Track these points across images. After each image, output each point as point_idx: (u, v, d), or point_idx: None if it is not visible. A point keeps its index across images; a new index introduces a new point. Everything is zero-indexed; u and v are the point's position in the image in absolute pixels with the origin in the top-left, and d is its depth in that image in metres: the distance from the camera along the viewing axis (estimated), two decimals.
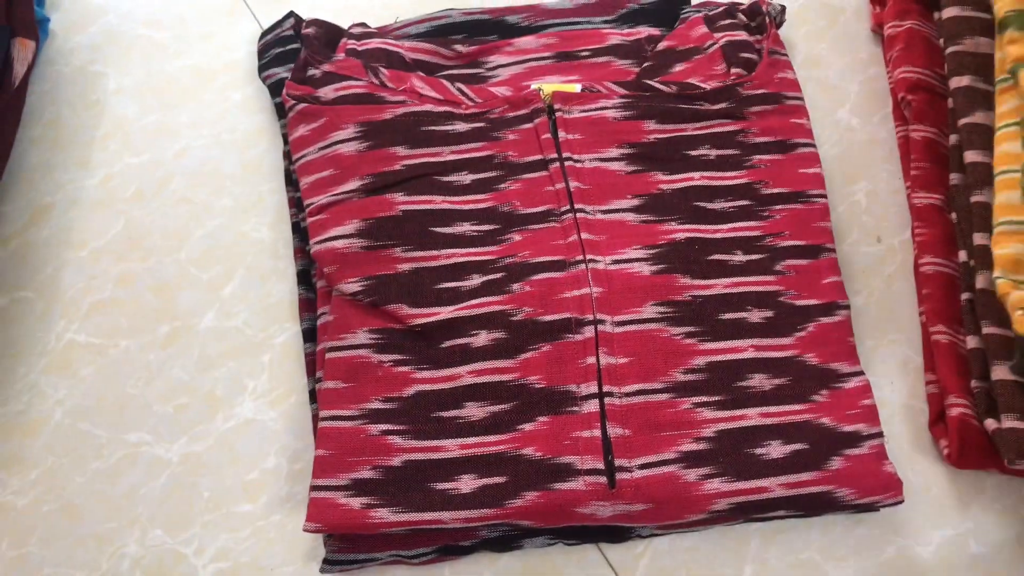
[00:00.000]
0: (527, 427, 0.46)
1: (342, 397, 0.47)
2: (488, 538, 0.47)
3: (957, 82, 0.54)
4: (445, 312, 0.48)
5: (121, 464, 0.51)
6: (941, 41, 0.56)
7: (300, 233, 0.54)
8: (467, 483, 0.45)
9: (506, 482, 0.45)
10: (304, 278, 0.53)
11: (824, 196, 0.53)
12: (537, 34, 0.59)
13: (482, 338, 0.48)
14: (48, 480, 0.51)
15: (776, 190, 0.52)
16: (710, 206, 0.51)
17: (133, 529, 0.50)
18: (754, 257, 0.50)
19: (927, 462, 0.51)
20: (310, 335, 0.52)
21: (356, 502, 0.45)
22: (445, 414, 0.47)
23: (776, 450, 0.46)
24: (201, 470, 0.51)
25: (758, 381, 0.47)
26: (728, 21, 0.58)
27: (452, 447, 0.46)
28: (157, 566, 0.49)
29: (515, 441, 0.46)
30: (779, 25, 0.58)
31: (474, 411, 0.47)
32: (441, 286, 0.49)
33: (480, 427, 0.46)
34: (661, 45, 0.58)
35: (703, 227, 0.51)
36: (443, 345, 0.48)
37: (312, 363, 0.52)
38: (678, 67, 0.56)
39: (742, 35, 0.57)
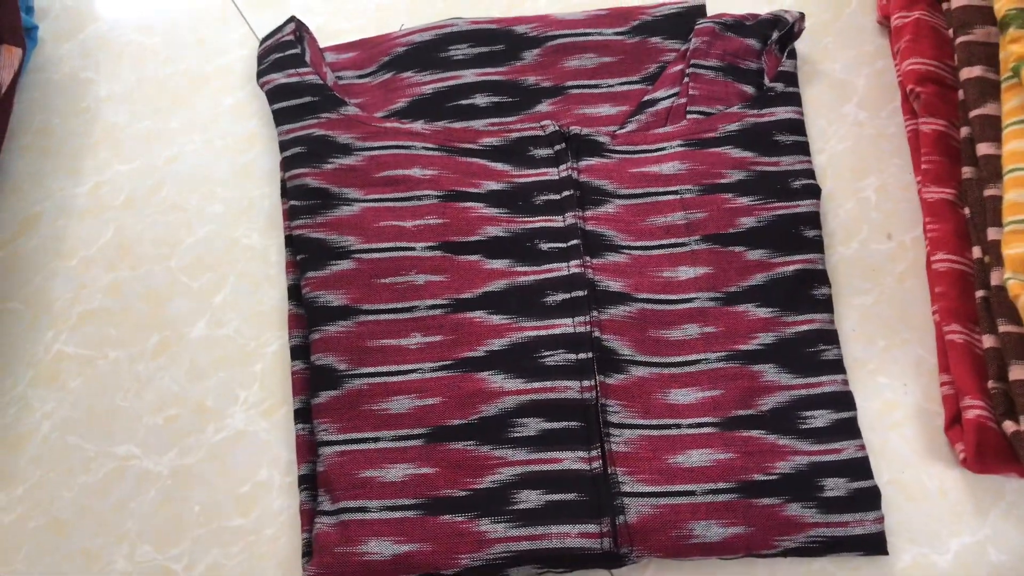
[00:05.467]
0: None
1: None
2: (471, 567, 0.45)
3: (968, 73, 0.52)
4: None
5: (110, 478, 0.50)
6: (950, 31, 0.54)
7: (292, 245, 0.53)
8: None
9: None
10: (295, 293, 0.52)
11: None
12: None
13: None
14: (35, 495, 0.50)
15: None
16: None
17: (122, 545, 0.48)
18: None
19: (943, 467, 0.49)
20: (299, 352, 0.51)
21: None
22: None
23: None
24: (192, 483, 0.50)
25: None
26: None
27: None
28: None
29: None
30: (798, 34, 0.57)
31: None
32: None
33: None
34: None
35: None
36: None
37: (299, 382, 0.50)
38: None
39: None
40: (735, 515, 0.46)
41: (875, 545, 0.46)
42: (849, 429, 0.48)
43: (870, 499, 0.46)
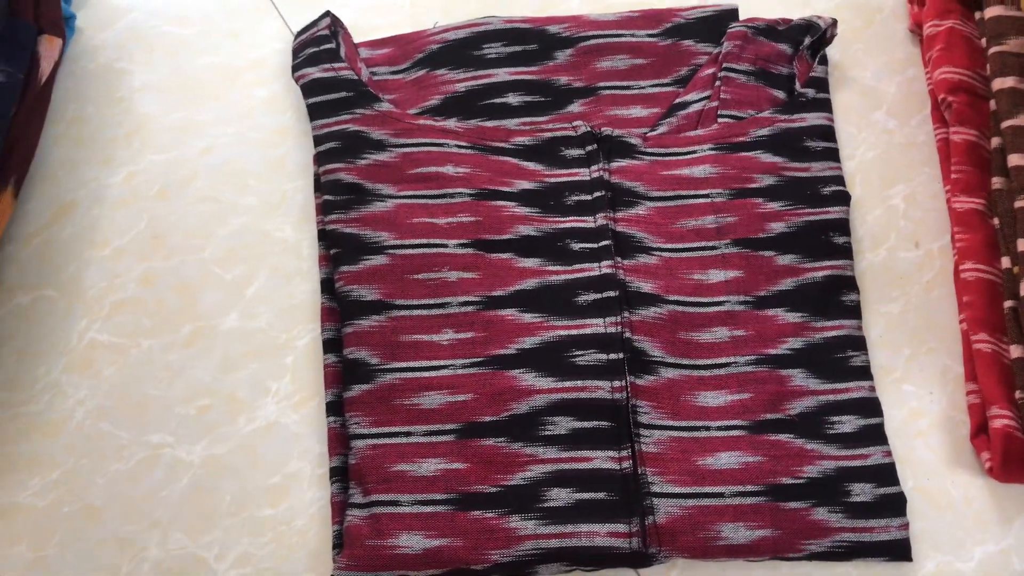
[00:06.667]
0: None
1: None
2: (501, 563, 0.46)
3: (1000, 83, 0.52)
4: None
5: (142, 466, 0.50)
6: (983, 41, 0.54)
7: (326, 240, 0.53)
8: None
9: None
10: (328, 286, 0.53)
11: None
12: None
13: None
14: (68, 481, 0.50)
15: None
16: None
17: (154, 532, 0.49)
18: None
19: (968, 475, 0.49)
20: (331, 345, 0.51)
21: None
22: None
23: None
24: (223, 473, 0.50)
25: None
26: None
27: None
28: (178, 570, 0.48)
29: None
30: (830, 40, 0.57)
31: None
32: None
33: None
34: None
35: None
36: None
37: (332, 375, 0.51)
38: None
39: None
40: (762, 518, 0.46)
41: (900, 551, 0.46)
42: (876, 435, 0.48)
43: (896, 505, 0.47)
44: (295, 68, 0.57)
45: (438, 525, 0.46)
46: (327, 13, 0.58)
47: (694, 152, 0.54)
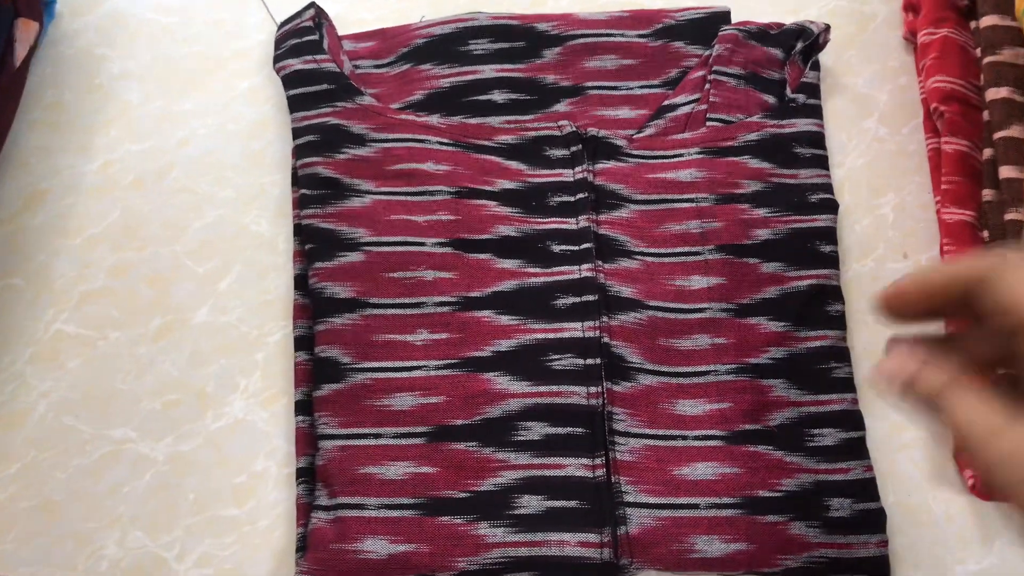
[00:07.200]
0: None
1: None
2: (467, 570, 0.45)
3: (994, 94, 0.51)
4: None
5: (104, 461, 0.49)
6: (978, 51, 0.53)
7: (301, 235, 0.52)
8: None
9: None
10: (302, 282, 0.51)
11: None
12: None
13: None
14: (28, 475, 0.49)
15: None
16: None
17: (113, 529, 0.48)
18: None
19: (950, 492, 0.48)
20: (303, 343, 0.50)
21: None
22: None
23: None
24: (187, 470, 0.49)
25: None
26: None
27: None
28: (136, 569, 0.47)
29: None
30: (823, 45, 0.56)
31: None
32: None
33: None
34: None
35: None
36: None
37: (302, 373, 0.50)
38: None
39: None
40: (738, 531, 0.45)
41: (878, 568, 0.45)
42: (857, 449, 0.47)
43: (875, 521, 0.46)
44: (277, 59, 0.56)
45: (404, 530, 0.45)
46: (312, 4, 0.57)
47: (681, 156, 0.53)
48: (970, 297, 0.31)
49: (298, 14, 0.57)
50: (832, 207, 0.52)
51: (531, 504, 0.45)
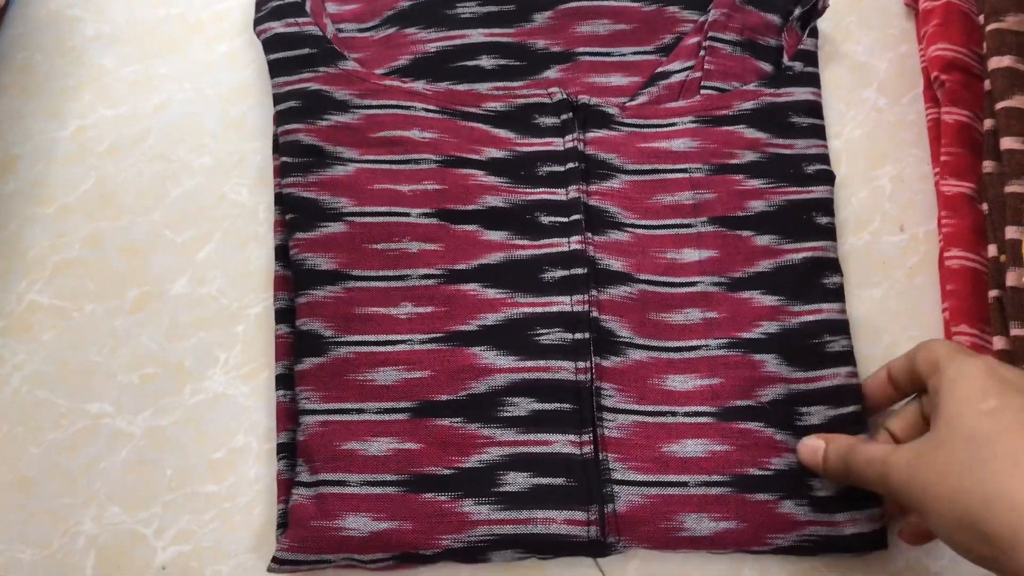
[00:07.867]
0: None
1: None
2: (452, 548, 0.44)
3: (997, 62, 0.50)
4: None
5: (80, 436, 0.48)
6: (981, 18, 0.52)
7: (282, 204, 0.50)
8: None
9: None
10: (283, 253, 0.50)
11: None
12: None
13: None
14: (2, 450, 0.48)
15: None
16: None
17: (90, 506, 0.47)
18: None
19: None
20: (284, 315, 0.49)
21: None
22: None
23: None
24: (165, 446, 0.48)
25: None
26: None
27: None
28: (113, 546, 0.46)
29: None
30: (821, 11, 0.54)
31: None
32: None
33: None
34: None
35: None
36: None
37: (283, 346, 0.48)
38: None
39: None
40: (728, 509, 0.44)
41: (869, 544, 0.44)
42: (852, 424, 0.46)
43: (864, 498, 0.45)
44: (257, 22, 0.54)
45: (387, 507, 0.44)
46: None
47: (674, 124, 0.52)
48: (913, 374, 0.43)
49: None
50: (829, 178, 0.51)
51: (517, 481, 0.44)
